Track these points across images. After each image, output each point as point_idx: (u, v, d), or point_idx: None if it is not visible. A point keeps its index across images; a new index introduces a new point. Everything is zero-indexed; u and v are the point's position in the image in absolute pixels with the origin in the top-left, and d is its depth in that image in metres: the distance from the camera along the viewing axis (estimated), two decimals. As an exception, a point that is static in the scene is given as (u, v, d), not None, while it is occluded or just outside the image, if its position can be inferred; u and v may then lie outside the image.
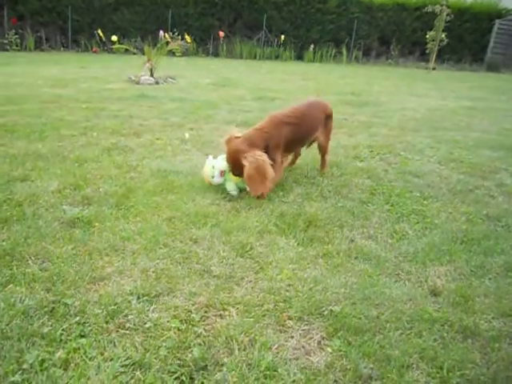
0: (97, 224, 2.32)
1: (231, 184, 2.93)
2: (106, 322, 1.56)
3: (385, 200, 2.96)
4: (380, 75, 12.90)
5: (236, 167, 2.82)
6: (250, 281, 1.93)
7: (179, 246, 2.17)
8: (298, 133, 3.09)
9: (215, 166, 3.02)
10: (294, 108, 3.21)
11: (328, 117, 3.40)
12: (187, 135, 4.46)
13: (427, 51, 14.33)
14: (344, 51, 15.65)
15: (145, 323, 1.58)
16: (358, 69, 14.77)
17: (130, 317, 1.60)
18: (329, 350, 1.55)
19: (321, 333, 1.64)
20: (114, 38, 13.43)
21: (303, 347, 1.56)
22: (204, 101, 6.74)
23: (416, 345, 1.60)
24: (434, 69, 14.05)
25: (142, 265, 1.97)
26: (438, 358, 1.54)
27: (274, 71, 12.35)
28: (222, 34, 14.82)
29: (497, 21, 16.25)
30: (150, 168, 3.30)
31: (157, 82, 8.69)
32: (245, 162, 2.73)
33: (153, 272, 1.92)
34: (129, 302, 1.69)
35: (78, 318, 1.57)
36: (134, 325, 1.57)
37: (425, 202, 2.96)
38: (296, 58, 15.82)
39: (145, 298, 1.73)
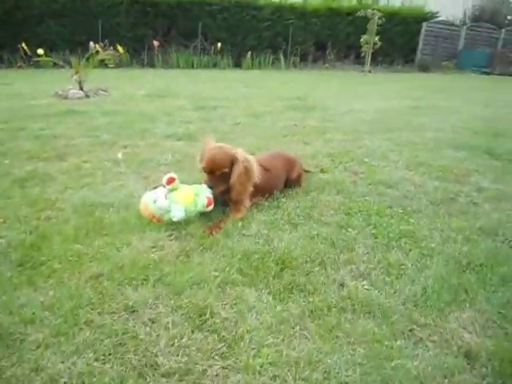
0: (-16, 301, 1.58)
1: (177, 206, 2.28)
2: None
3: (365, 221, 2.41)
4: (320, 79, 12.62)
5: (216, 165, 2.40)
6: (216, 375, 1.29)
7: (108, 324, 1.48)
8: (268, 179, 2.67)
9: (157, 191, 2.41)
10: (263, 157, 2.88)
11: (291, 166, 2.96)
12: (120, 155, 3.72)
13: (362, 54, 14.24)
14: (281, 57, 15.27)
15: None
16: (297, 74, 14.44)
17: None
18: None
19: None
20: (40, 51, 12.17)
21: None
22: (139, 113, 5.98)
23: None
24: (369, 71, 13.99)
25: (49, 373, 1.26)
26: None
27: (213, 80, 11.70)
28: (156, 43, 13.96)
29: (424, 23, 16.54)
30: (73, 202, 2.56)
31: (87, 96, 7.78)
32: (238, 156, 2.40)
33: (64, 385, 1.22)
34: None
35: None
36: None
37: (411, 220, 2.43)
38: (234, 66, 15.22)
39: None
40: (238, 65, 15.27)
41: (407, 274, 1.87)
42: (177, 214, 2.26)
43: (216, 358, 1.35)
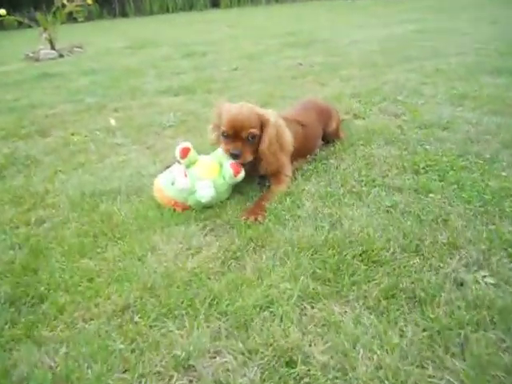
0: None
1: (203, 183, 1.74)
2: None
3: (442, 180, 1.87)
4: (306, 11, 11.58)
5: (243, 125, 1.78)
6: None
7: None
8: (306, 138, 2.14)
9: (172, 170, 1.85)
10: (296, 110, 2.26)
11: (327, 117, 2.36)
12: (113, 121, 3.09)
13: (347, -21, 13.09)
14: (261, -9, 14.06)
15: None
16: (279, 8, 13.30)
17: None
18: None
19: None
20: (2, 11, 10.92)
21: None
22: (123, 68, 5.23)
23: None
24: (356, -3, 12.90)
25: None
26: None
27: (193, 23, 10.66)
28: (125, -11, 12.66)
29: None
30: (68, 194, 1.97)
31: (61, 55, 6.91)
32: (269, 117, 1.82)
33: None
34: None
35: None
36: None
37: (501, 174, 1.89)
38: (212, 6, 13.99)
39: None
40: (215, 4, 14.06)
41: (541, 256, 1.36)
42: (205, 193, 1.71)
43: None
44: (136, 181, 2.06)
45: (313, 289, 1.26)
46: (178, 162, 1.85)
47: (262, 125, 1.80)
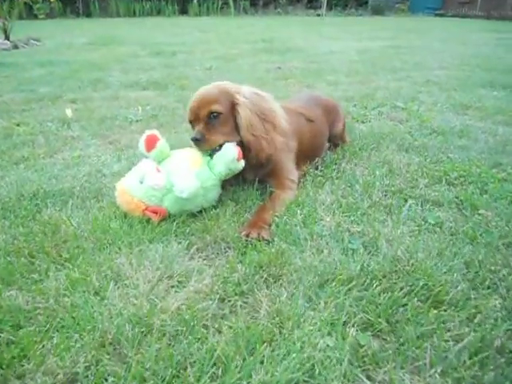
0: None
1: (186, 177, 1.28)
2: None
3: (485, 192, 1.48)
4: (277, 23, 11.33)
5: (205, 103, 1.38)
6: None
7: None
8: (314, 135, 1.72)
9: (140, 166, 1.36)
10: (301, 102, 1.84)
11: (334, 115, 1.93)
12: (69, 112, 2.55)
13: (318, -4, 13.05)
14: (231, 3, 13.69)
15: None
16: (249, 19, 12.99)
17: None
18: None
19: None
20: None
21: None
22: (84, 62, 4.66)
23: None
24: (325, 15, 12.83)
25: None
26: None
27: (161, 26, 10.13)
28: (91, -12, 11.95)
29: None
30: (0, 193, 1.44)
31: (15, 46, 6.22)
32: (239, 98, 1.38)
33: None
34: None
35: None
36: None
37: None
38: (180, 13, 13.50)
39: None
40: (184, 11, 13.60)
41: None
42: (186, 185, 1.24)
43: None
44: (95, 181, 1.55)
45: (367, 349, 0.81)
46: (146, 157, 1.39)
47: (233, 107, 1.37)
